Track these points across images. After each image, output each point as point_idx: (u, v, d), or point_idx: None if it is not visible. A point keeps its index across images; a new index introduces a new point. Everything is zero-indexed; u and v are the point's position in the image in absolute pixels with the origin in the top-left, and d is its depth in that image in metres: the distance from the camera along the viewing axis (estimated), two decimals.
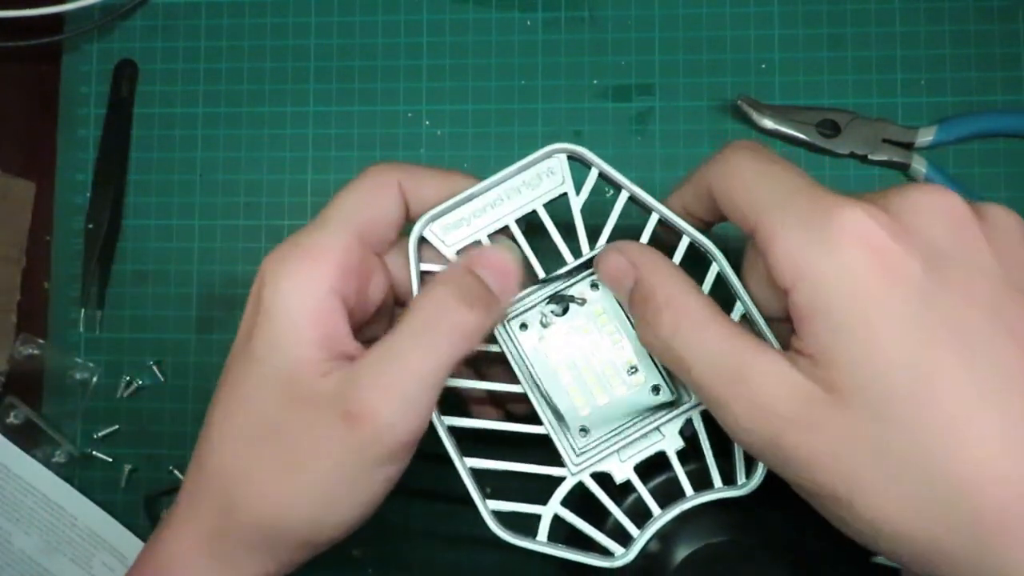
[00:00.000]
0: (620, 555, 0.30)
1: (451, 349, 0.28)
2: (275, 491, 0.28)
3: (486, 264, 0.30)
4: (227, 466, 0.29)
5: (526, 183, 0.32)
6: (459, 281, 0.29)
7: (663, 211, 0.32)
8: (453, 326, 0.28)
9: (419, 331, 0.28)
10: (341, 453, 0.27)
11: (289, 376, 0.28)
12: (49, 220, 0.47)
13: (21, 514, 0.45)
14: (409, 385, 0.27)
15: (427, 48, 0.46)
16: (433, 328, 0.28)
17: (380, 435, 0.27)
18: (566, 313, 0.32)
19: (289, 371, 0.28)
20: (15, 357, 0.46)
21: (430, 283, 0.29)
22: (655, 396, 0.32)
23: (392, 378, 0.27)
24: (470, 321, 0.28)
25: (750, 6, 0.45)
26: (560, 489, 0.31)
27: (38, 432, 0.46)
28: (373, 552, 0.45)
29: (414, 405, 0.27)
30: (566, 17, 0.45)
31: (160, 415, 0.46)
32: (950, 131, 0.42)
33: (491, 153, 0.45)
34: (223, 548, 0.28)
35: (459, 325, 0.28)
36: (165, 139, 0.47)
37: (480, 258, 0.30)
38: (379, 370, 0.27)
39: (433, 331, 0.28)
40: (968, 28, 0.44)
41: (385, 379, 0.27)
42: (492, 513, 0.30)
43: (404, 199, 0.31)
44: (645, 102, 0.45)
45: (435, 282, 0.29)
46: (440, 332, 0.28)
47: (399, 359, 0.27)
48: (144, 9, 0.47)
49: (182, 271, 0.46)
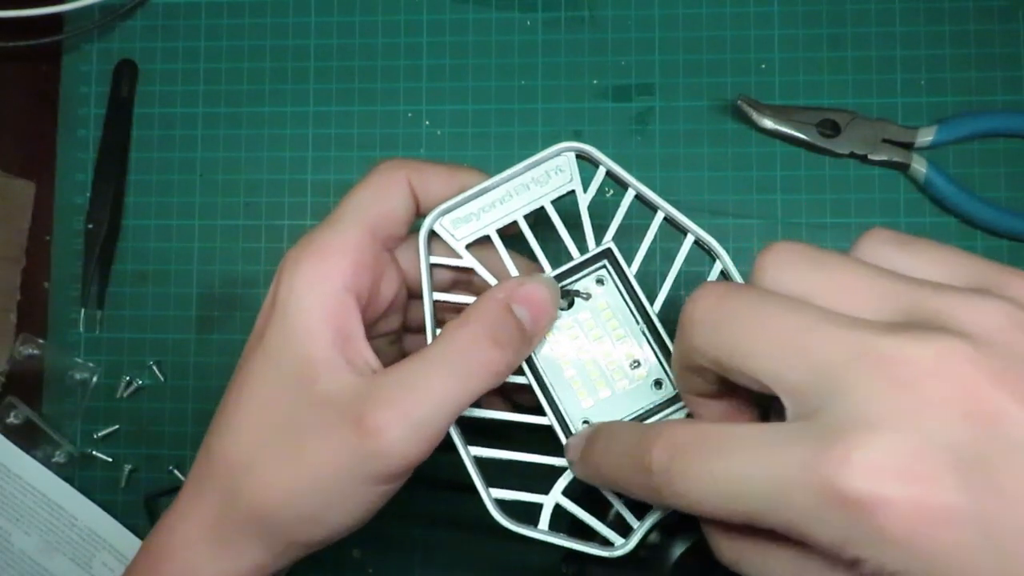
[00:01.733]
0: (620, 545, 0.31)
1: (476, 386, 0.28)
2: (276, 483, 0.28)
3: (523, 300, 0.30)
4: (233, 455, 0.29)
5: (535, 180, 0.32)
6: (495, 320, 0.29)
7: (668, 209, 0.32)
8: (482, 365, 0.28)
9: (449, 364, 0.28)
10: (345, 459, 0.27)
11: (302, 372, 0.28)
12: (49, 220, 0.47)
13: (21, 514, 0.45)
14: (426, 414, 0.27)
15: (427, 48, 0.46)
16: (462, 364, 0.28)
17: (385, 454, 0.27)
18: (571, 307, 0.33)
19: (302, 367, 0.28)
20: (15, 357, 0.46)
21: (466, 314, 0.29)
22: (657, 390, 0.32)
23: (412, 405, 0.27)
24: (499, 362, 0.28)
25: (750, 6, 0.45)
26: (562, 479, 0.31)
27: (38, 432, 0.46)
28: (373, 552, 0.45)
29: (426, 434, 0.28)
30: (566, 17, 0.46)
31: (160, 415, 0.46)
32: (950, 131, 0.43)
33: (491, 153, 0.45)
34: (223, 534, 0.29)
35: (489, 365, 0.28)
36: (165, 139, 0.47)
37: (518, 293, 0.30)
38: (402, 392, 0.28)
39: (462, 367, 0.28)
40: (968, 28, 0.44)
41: (406, 404, 0.27)
42: (495, 501, 0.31)
43: (414, 195, 0.32)
44: (645, 102, 0.45)
45: (471, 316, 0.29)
46: (469, 370, 0.28)
47: (423, 388, 0.28)
48: (144, 9, 0.47)
49: (182, 271, 0.46)
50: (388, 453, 0.27)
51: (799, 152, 0.44)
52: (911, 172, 0.43)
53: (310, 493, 0.28)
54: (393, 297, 0.33)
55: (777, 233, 0.44)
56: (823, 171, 0.44)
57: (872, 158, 0.43)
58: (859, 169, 0.44)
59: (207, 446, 0.30)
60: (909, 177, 0.43)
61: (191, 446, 0.46)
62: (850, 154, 0.43)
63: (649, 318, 0.32)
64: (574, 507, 0.31)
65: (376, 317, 0.32)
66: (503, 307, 0.29)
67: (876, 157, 0.43)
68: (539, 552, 0.32)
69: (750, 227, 0.44)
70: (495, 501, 0.31)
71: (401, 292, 0.33)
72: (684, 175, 0.44)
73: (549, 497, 0.31)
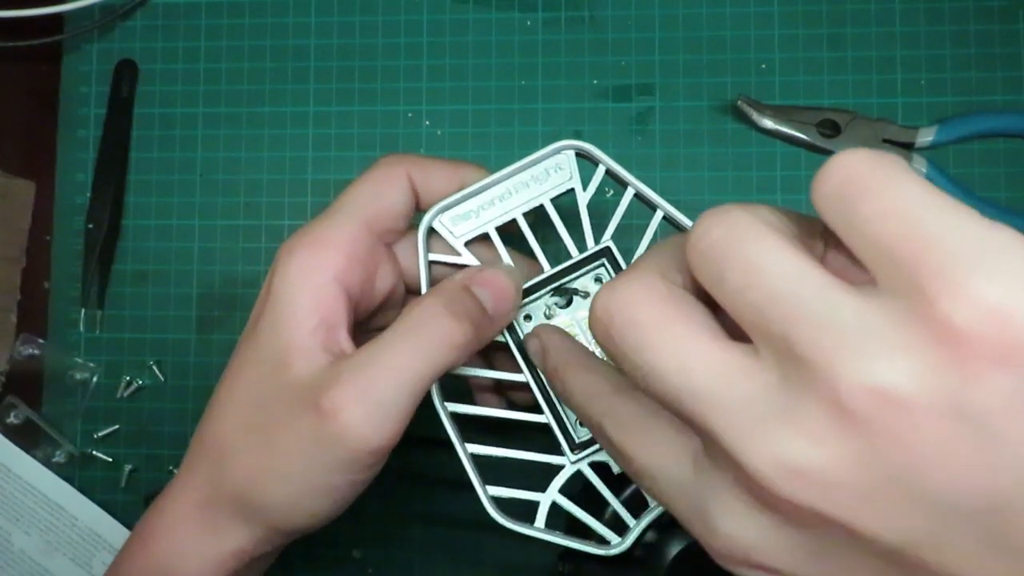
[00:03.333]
0: (616, 543, 0.31)
1: (436, 358, 0.28)
2: (254, 467, 0.29)
3: (483, 283, 0.30)
4: (219, 439, 0.30)
5: (534, 178, 0.33)
6: (451, 294, 0.29)
7: (668, 208, 0.32)
8: (439, 335, 0.28)
9: (403, 337, 0.28)
10: (308, 444, 0.27)
11: (280, 359, 0.29)
12: (49, 220, 0.47)
13: (21, 514, 0.45)
14: (386, 390, 0.27)
15: (427, 48, 0.46)
16: (417, 335, 0.28)
17: (346, 435, 0.27)
18: (569, 305, 0.33)
19: (281, 354, 0.29)
20: (15, 357, 0.46)
21: (425, 294, 0.30)
22: None
23: (369, 381, 0.27)
24: (456, 333, 0.28)
25: (750, 6, 0.45)
26: (559, 477, 0.31)
27: (38, 432, 0.46)
28: (373, 552, 0.45)
29: (388, 412, 0.27)
30: (566, 17, 0.46)
31: (160, 415, 0.46)
32: (950, 131, 0.42)
33: (491, 153, 0.45)
34: (209, 516, 0.29)
35: (445, 336, 0.28)
36: (165, 139, 0.47)
37: (478, 277, 0.30)
38: (358, 371, 0.27)
39: (417, 337, 0.28)
40: (968, 28, 0.44)
41: (363, 381, 0.27)
42: (491, 499, 0.31)
43: (414, 190, 0.32)
44: (645, 102, 0.45)
45: (428, 293, 0.29)
46: (424, 339, 0.28)
47: (379, 362, 0.27)
48: (144, 9, 0.47)
49: (182, 271, 0.46)
50: (348, 435, 0.27)
51: (799, 152, 0.44)
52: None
53: (282, 479, 0.28)
54: (389, 291, 0.33)
55: None
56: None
57: None
58: None
59: (199, 430, 0.31)
60: None
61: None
62: None
63: None
64: (571, 505, 0.31)
65: (371, 311, 0.33)
66: (460, 286, 0.29)
67: None
68: (537, 550, 0.32)
69: None
70: (492, 499, 0.31)
71: (399, 287, 0.33)
72: (684, 175, 0.44)
73: (546, 495, 0.32)
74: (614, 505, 0.31)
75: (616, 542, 0.31)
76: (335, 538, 0.44)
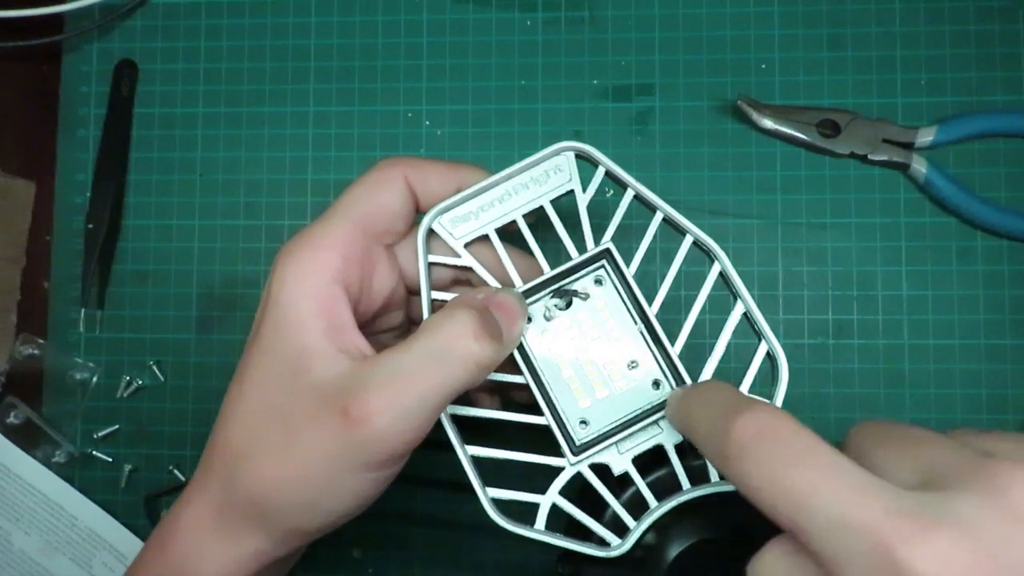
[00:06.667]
0: (616, 545, 0.31)
1: (461, 376, 0.28)
2: (271, 469, 0.29)
3: (498, 306, 0.30)
4: (233, 443, 0.30)
5: (534, 179, 0.33)
6: (482, 315, 0.29)
7: (667, 210, 0.32)
8: (468, 355, 0.28)
9: (435, 354, 0.28)
10: (333, 447, 0.28)
11: (296, 362, 0.29)
12: (49, 220, 0.47)
13: (21, 514, 0.45)
14: (412, 402, 0.28)
15: (427, 48, 0.46)
16: (448, 353, 0.28)
17: (373, 441, 0.28)
18: (569, 307, 0.33)
19: (297, 357, 0.29)
20: (15, 357, 0.46)
21: (452, 306, 0.30)
22: (655, 390, 0.32)
23: (397, 392, 0.28)
24: (485, 354, 0.29)
25: (750, 6, 0.45)
26: (559, 479, 0.31)
27: (38, 432, 0.46)
28: (373, 552, 0.45)
29: (412, 422, 0.28)
30: (566, 17, 0.46)
31: (160, 415, 0.46)
32: (950, 131, 0.42)
33: (491, 153, 0.45)
34: (225, 520, 0.30)
35: (474, 356, 0.28)
36: (165, 139, 0.47)
37: (493, 300, 0.31)
38: (387, 380, 0.28)
39: (448, 356, 0.28)
40: (968, 28, 0.44)
41: (391, 391, 0.28)
42: (491, 501, 0.31)
43: (412, 191, 0.32)
44: (645, 102, 0.45)
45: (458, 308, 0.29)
46: (455, 359, 0.28)
47: (409, 375, 0.28)
48: (144, 9, 0.47)
49: (182, 271, 0.46)
50: (375, 440, 0.27)
51: (799, 152, 0.44)
52: (911, 172, 0.43)
53: (302, 481, 0.28)
54: (389, 293, 0.33)
55: (777, 233, 0.44)
56: (823, 171, 0.44)
57: (872, 158, 0.43)
58: (859, 169, 0.44)
59: (212, 435, 0.31)
60: (909, 177, 0.43)
61: (191, 446, 0.46)
62: (850, 154, 0.43)
63: (647, 319, 0.32)
64: (571, 507, 0.31)
65: (372, 312, 0.33)
66: (484, 306, 0.30)
67: (876, 157, 0.43)
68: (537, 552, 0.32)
69: (750, 227, 0.44)
70: (492, 501, 0.31)
71: (399, 288, 0.33)
72: (684, 175, 0.44)
73: (546, 497, 0.31)
74: (614, 507, 0.31)
75: (616, 544, 0.31)
76: (335, 538, 0.44)
